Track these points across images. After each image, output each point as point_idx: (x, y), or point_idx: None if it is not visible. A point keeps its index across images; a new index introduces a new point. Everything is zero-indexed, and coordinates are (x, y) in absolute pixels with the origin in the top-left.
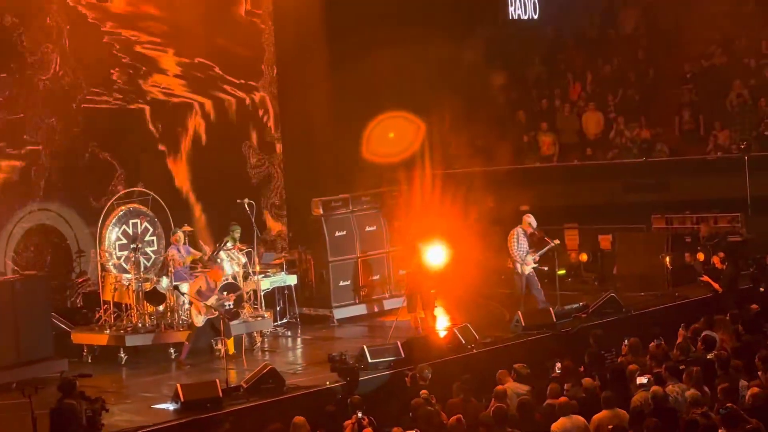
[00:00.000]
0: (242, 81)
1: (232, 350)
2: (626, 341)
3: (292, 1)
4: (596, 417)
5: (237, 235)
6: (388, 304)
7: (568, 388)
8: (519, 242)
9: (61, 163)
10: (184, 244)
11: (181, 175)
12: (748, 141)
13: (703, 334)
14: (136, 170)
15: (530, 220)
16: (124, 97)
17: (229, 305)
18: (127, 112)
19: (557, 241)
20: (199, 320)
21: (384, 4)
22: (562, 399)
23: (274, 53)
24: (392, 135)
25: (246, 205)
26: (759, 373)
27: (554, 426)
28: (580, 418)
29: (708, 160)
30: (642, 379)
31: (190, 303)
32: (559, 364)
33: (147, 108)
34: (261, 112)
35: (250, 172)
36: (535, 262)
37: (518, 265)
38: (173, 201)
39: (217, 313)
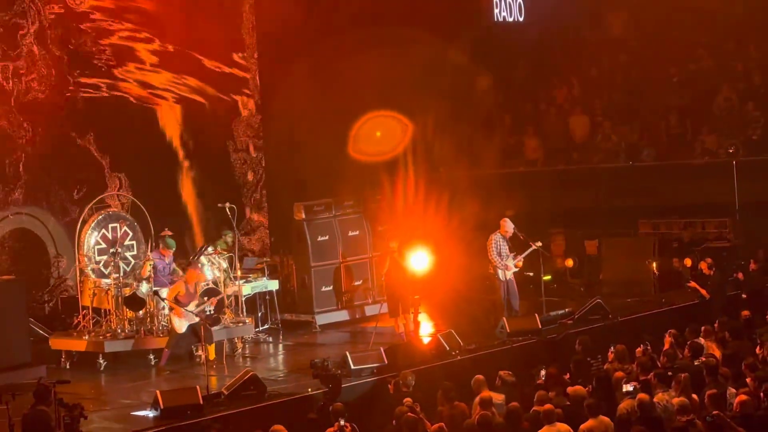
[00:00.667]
0: (223, 75)
1: (212, 356)
2: (612, 348)
3: (274, 2)
4: (583, 426)
5: (229, 239)
6: (370, 310)
7: (553, 396)
8: (498, 248)
9: (41, 161)
10: (170, 262)
11: (169, 173)
12: (736, 145)
13: (690, 341)
14: (117, 163)
15: (507, 224)
16: (107, 88)
17: (210, 310)
18: (110, 105)
19: (540, 243)
20: (181, 326)
21: (368, 6)
22: (547, 406)
23: (257, 55)
24: (379, 134)
25: (227, 209)
26: (747, 380)
27: None
28: (565, 426)
29: (695, 164)
30: (628, 387)
31: (170, 309)
32: (544, 371)
33: (130, 99)
34: (243, 113)
35: (234, 169)
36: (516, 267)
37: (499, 271)
38: (161, 201)
39: (198, 318)
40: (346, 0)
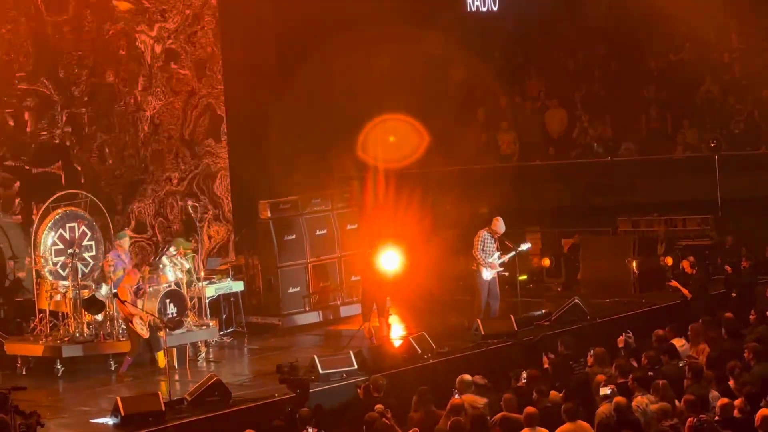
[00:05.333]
0: (188, 79)
1: (162, 364)
2: (591, 351)
3: (240, 2)
4: (559, 430)
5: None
6: (345, 311)
7: (537, 397)
8: (485, 245)
9: None
10: (128, 252)
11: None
12: (718, 139)
13: (665, 343)
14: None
15: (499, 224)
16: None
17: (173, 312)
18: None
19: (530, 245)
20: (146, 330)
21: None
22: (530, 409)
23: (221, 54)
24: (393, 139)
25: (190, 208)
26: (730, 383)
27: None
28: (544, 431)
29: (676, 159)
30: (605, 390)
31: (131, 316)
32: (525, 373)
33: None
34: (207, 113)
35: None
36: (501, 266)
37: (483, 270)
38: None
39: (150, 318)
40: None
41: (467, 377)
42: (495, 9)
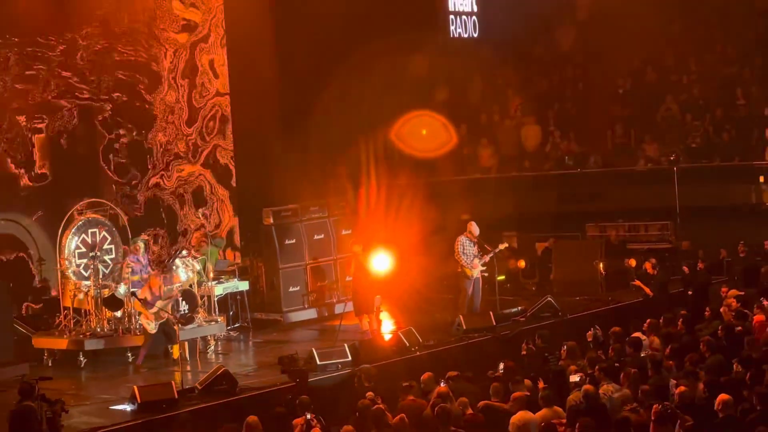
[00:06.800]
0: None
1: (176, 355)
2: (565, 345)
3: (243, 22)
4: (538, 414)
5: (221, 244)
6: (335, 309)
7: (513, 386)
8: (464, 248)
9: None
10: (144, 254)
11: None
12: (677, 153)
13: (630, 336)
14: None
15: (473, 227)
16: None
17: (185, 310)
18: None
19: (506, 244)
20: (151, 327)
21: (331, 22)
22: (519, 393)
23: (227, 70)
24: (425, 132)
25: (201, 215)
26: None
27: (514, 418)
28: (530, 414)
29: (639, 171)
30: (575, 377)
31: (140, 313)
32: (502, 364)
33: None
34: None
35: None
36: (483, 266)
37: (466, 270)
38: None
39: (167, 315)
40: (311, 17)
41: (429, 374)
42: (476, 35)
